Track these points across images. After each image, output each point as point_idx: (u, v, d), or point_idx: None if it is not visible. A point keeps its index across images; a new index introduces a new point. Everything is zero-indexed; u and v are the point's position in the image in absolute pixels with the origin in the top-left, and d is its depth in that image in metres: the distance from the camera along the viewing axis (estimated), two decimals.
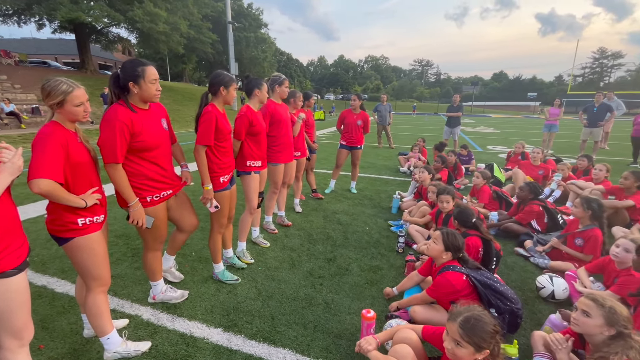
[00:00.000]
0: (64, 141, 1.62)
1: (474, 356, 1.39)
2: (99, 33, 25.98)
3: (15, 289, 1.38)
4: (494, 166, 6.10)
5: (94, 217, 1.79)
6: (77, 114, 1.69)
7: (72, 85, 1.67)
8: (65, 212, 1.68)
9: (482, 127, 21.73)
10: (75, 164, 1.68)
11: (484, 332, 1.38)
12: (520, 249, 3.48)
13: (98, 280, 1.87)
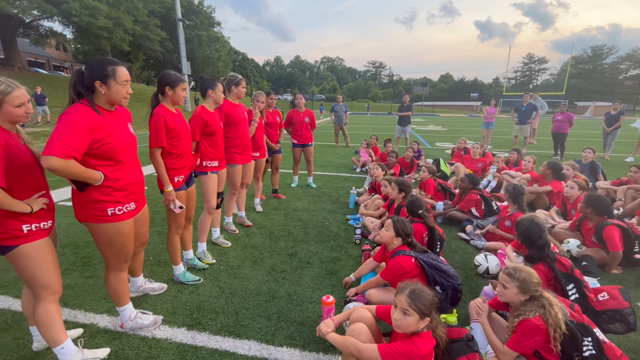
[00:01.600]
0: (4, 143, 1.54)
1: (418, 324, 1.60)
2: (27, 26, 23.42)
3: None
4: (440, 161, 6.64)
5: (40, 222, 1.72)
6: (17, 115, 1.62)
7: (12, 86, 1.60)
8: (7, 218, 1.60)
9: (432, 126, 23.21)
10: (17, 167, 1.61)
11: (426, 300, 1.60)
12: (462, 234, 3.89)
13: (48, 289, 1.79)
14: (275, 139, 4.88)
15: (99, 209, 1.83)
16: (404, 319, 1.61)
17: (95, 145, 1.73)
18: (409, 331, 1.62)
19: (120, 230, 1.93)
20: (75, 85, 1.76)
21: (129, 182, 1.93)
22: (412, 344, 1.56)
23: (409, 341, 1.58)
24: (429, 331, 1.64)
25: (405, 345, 1.57)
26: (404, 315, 1.61)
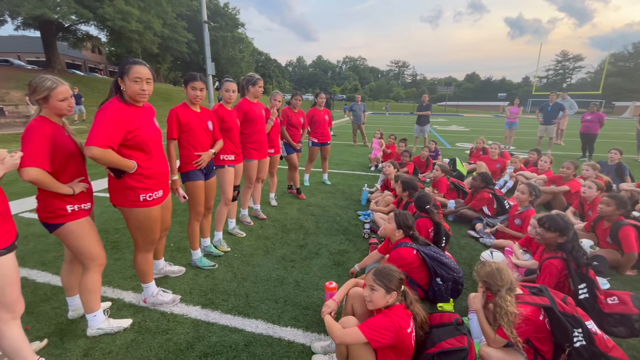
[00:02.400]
0: (51, 133, 1.78)
1: (385, 298, 1.74)
2: (66, 30, 25.00)
3: (5, 267, 1.57)
4: (456, 160, 6.59)
5: (81, 204, 1.96)
6: (62, 109, 1.85)
7: (57, 82, 1.83)
8: (54, 199, 1.84)
9: (454, 126, 22.70)
10: (62, 155, 1.85)
11: (391, 276, 1.75)
12: (472, 232, 3.90)
13: (95, 259, 2.05)
14: (298, 138, 5.05)
15: (132, 194, 2.07)
16: (372, 294, 1.76)
17: (128, 137, 1.96)
18: (380, 306, 1.76)
19: (149, 215, 2.17)
20: (115, 82, 2.02)
21: (157, 171, 2.16)
22: (386, 316, 1.70)
23: (382, 315, 1.72)
24: (402, 304, 1.76)
25: (380, 318, 1.70)
26: (372, 291, 1.76)
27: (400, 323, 1.66)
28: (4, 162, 1.54)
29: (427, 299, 2.57)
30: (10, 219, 1.63)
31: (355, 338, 1.65)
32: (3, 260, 1.56)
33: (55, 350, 2.03)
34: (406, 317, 1.72)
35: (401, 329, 1.65)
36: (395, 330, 1.64)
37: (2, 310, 1.60)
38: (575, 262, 2.36)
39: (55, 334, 2.18)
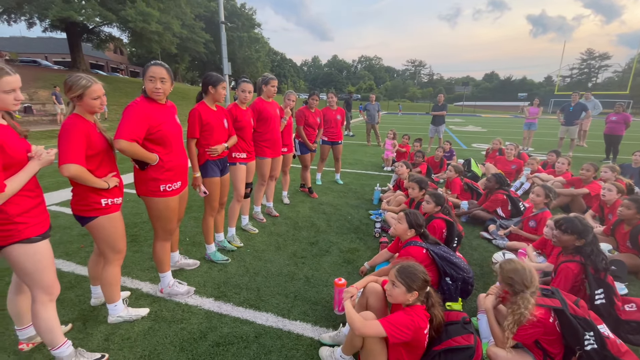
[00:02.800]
0: (86, 131, 1.87)
1: (405, 296, 1.74)
2: (90, 32, 25.98)
3: (40, 252, 1.68)
4: (471, 161, 6.49)
5: (114, 198, 2.06)
6: (94, 106, 1.92)
7: (91, 81, 1.90)
8: (90, 193, 1.94)
9: (471, 126, 22.26)
10: (96, 151, 1.93)
11: (413, 275, 1.75)
12: (485, 233, 3.85)
13: (118, 253, 2.17)
14: (314, 138, 5.10)
15: (153, 185, 2.24)
16: (392, 289, 1.78)
17: (152, 131, 2.12)
18: (399, 302, 1.77)
19: (168, 205, 2.33)
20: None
21: (176, 164, 2.31)
22: (407, 314, 1.71)
23: (404, 312, 1.73)
24: (423, 305, 1.77)
25: (401, 315, 1.72)
26: (393, 286, 1.78)
27: (420, 323, 1.69)
28: (40, 158, 1.64)
29: None
30: (44, 209, 1.75)
31: (375, 331, 1.69)
32: (39, 246, 1.68)
33: (78, 335, 2.16)
34: (425, 318, 1.74)
35: (419, 329, 1.68)
36: (415, 330, 1.66)
37: (40, 292, 1.73)
38: (594, 266, 2.30)
39: (78, 319, 2.31)
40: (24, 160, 1.60)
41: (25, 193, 1.62)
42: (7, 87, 1.52)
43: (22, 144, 1.62)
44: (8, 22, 22.94)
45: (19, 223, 1.58)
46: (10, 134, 1.57)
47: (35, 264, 1.67)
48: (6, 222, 1.55)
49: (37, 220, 1.67)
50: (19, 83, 1.58)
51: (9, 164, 1.52)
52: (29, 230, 1.63)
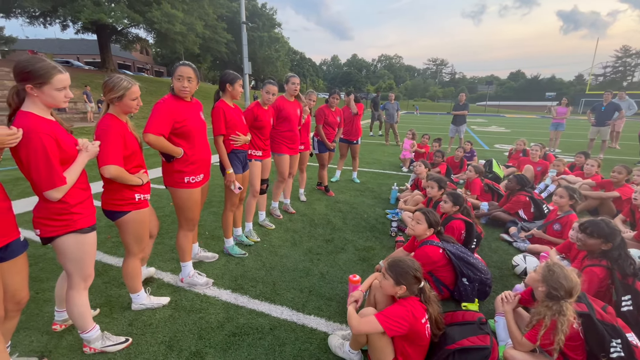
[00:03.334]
0: (122, 131, 1.95)
1: (394, 288, 1.79)
2: (119, 33, 27.00)
3: (89, 243, 1.79)
4: (492, 162, 6.31)
5: (145, 194, 2.16)
6: (132, 107, 2.00)
7: (131, 82, 1.98)
8: (125, 189, 2.02)
9: (494, 127, 21.60)
10: (129, 150, 2.02)
11: (403, 270, 1.79)
12: (505, 235, 3.75)
13: (143, 250, 2.29)
14: (332, 137, 5.12)
15: (178, 177, 2.37)
16: (382, 281, 1.84)
17: (177, 126, 2.24)
18: (389, 293, 1.84)
19: (191, 196, 2.44)
20: None
21: (199, 158, 2.43)
22: (401, 305, 1.74)
23: (398, 304, 1.76)
24: (416, 297, 1.78)
25: (396, 307, 1.75)
26: (383, 278, 1.84)
27: (415, 313, 1.70)
28: (87, 150, 1.74)
29: (453, 298, 2.54)
30: (92, 202, 1.85)
31: (371, 327, 1.70)
32: (89, 237, 1.79)
33: (105, 319, 2.28)
34: (421, 308, 1.76)
35: (415, 319, 1.68)
36: (410, 320, 1.67)
37: (79, 280, 1.83)
38: (621, 271, 2.20)
39: (105, 305, 2.44)
40: (75, 155, 1.70)
41: (78, 185, 1.72)
42: (59, 84, 1.59)
43: (71, 139, 1.71)
44: (44, 25, 24.29)
45: (75, 213, 1.69)
46: (60, 130, 1.65)
47: (82, 253, 1.77)
48: (65, 212, 1.66)
49: (89, 211, 1.78)
50: (69, 81, 1.65)
51: (64, 158, 1.62)
52: (82, 221, 1.73)
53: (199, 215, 2.67)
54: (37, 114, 1.57)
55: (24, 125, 1.51)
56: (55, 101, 1.61)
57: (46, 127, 1.55)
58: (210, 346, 2.07)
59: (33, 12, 22.49)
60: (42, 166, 1.52)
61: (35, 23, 23.88)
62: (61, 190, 1.60)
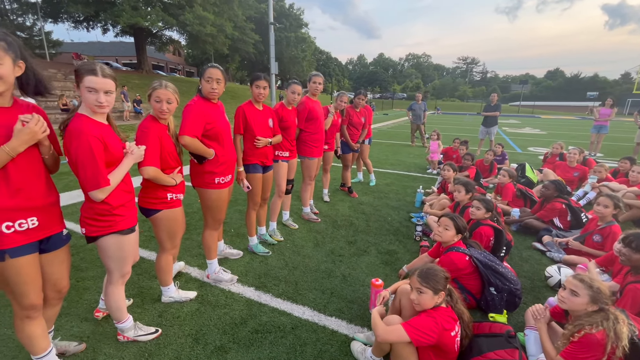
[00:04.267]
0: (159, 133, 2.06)
1: (434, 299, 1.71)
2: (154, 36, 28.30)
3: (129, 243, 1.89)
4: (525, 166, 6.01)
5: (178, 193, 2.25)
6: (155, 109, 2.05)
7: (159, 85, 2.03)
8: (159, 188, 2.13)
9: (528, 128, 20.58)
10: (166, 152, 2.11)
11: (437, 276, 1.72)
12: (538, 244, 3.56)
13: (175, 246, 2.40)
14: (357, 138, 5.10)
15: (209, 177, 2.44)
16: (420, 297, 1.74)
17: (207, 128, 2.31)
18: (428, 307, 1.73)
19: (220, 196, 2.53)
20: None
21: (228, 158, 2.52)
22: (430, 316, 1.67)
23: (427, 315, 1.69)
24: (448, 306, 1.71)
25: (423, 318, 1.69)
26: (420, 294, 1.73)
27: (444, 325, 1.64)
28: (133, 153, 1.84)
29: (479, 308, 2.45)
30: (134, 204, 1.94)
31: (397, 336, 1.67)
32: (129, 238, 1.87)
33: (137, 309, 2.40)
34: (451, 320, 1.69)
35: (445, 330, 1.63)
36: (439, 332, 1.62)
37: (118, 276, 1.95)
38: None
39: (137, 295, 2.57)
40: (121, 157, 1.78)
41: (123, 187, 1.80)
42: (88, 84, 1.58)
43: (119, 143, 1.79)
44: (87, 29, 25.97)
45: (116, 215, 1.77)
46: (111, 134, 1.74)
47: (123, 252, 1.88)
48: (108, 214, 1.75)
49: (130, 213, 1.86)
50: (100, 85, 1.60)
51: (110, 161, 1.71)
52: (123, 223, 1.82)
53: (225, 215, 2.75)
54: (88, 116, 1.67)
55: (75, 126, 1.60)
56: (87, 102, 1.63)
57: (94, 130, 1.62)
58: (233, 342, 2.13)
59: (77, 17, 24.07)
60: (88, 167, 1.60)
61: (80, 27, 25.57)
62: (105, 191, 1.67)
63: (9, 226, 1.42)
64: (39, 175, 1.54)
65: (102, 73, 1.62)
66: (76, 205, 4.41)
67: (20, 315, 1.60)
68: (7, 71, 1.36)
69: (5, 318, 2.28)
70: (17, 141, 1.38)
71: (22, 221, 1.46)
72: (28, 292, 1.54)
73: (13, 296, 1.55)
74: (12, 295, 1.55)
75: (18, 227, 1.45)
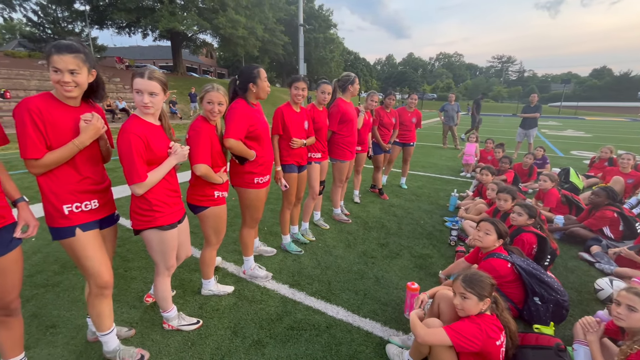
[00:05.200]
0: (210, 133, 2.17)
1: (478, 306, 1.65)
2: (189, 39, 29.56)
3: (169, 239, 1.98)
4: (570, 171, 5.66)
5: (223, 191, 2.36)
6: (206, 110, 2.16)
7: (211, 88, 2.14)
8: (207, 185, 2.24)
9: (570, 131, 19.33)
10: (215, 151, 2.22)
11: (482, 282, 1.66)
12: (586, 254, 3.34)
13: (219, 242, 2.50)
14: (388, 139, 5.07)
15: (249, 178, 2.52)
16: (464, 303, 1.69)
17: (250, 130, 2.38)
18: (472, 314, 1.68)
19: (258, 196, 2.60)
20: (233, 89, 2.45)
21: (267, 159, 2.59)
22: (474, 323, 1.62)
23: (470, 321, 1.64)
24: (493, 314, 1.65)
25: (467, 324, 1.63)
26: (463, 299, 1.68)
27: (489, 333, 1.59)
28: (176, 153, 1.93)
29: (522, 318, 2.34)
30: (179, 200, 2.04)
31: (439, 339, 1.64)
32: (168, 234, 1.95)
33: (179, 300, 2.53)
34: (496, 328, 1.63)
35: (489, 339, 1.58)
36: (484, 340, 1.57)
37: (164, 269, 2.07)
38: None
39: (179, 287, 2.71)
40: (164, 157, 1.88)
41: (164, 185, 1.90)
42: (135, 86, 1.72)
43: (165, 143, 1.89)
44: (129, 34, 27.69)
45: (155, 211, 1.87)
46: (158, 134, 1.85)
47: (164, 247, 1.98)
48: (147, 210, 1.85)
49: (170, 210, 1.94)
50: (144, 86, 1.70)
51: (152, 159, 1.81)
52: (162, 219, 1.90)
53: (262, 214, 2.82)
54: (139, 116, 1.80)
55: (124, 124, 1.75)
56: (135, 103, 1.76)
57: (138, 129, 1.74)
58: (270, 337, 2.19)
59: (121, 23, 25.68)
60: (125, 162, 1.72)
61: (122, 32, 27.27)
62: (141, 186, 1.76)
63: (78, 206, 1.65)
64: (98, 164, 1.76)
65: (149, 76, 1.72)
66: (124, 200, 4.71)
67: (95, 292, 1.78)
68: (84, 79, 1.57)
69: (65, 302, 2.49)
70: (84, 136, 1.59)
71: (87, 202, 1.68)
72: (102, 271, 1.74)
73: (89, 276, 1.74)
74: (88, 275, 1.74)
75: (84, 207, 1.67)
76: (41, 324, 2.25)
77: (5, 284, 1.52)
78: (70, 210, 1.62)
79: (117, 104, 15.97)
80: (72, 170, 1.62)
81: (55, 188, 1.59)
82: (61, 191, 1.60)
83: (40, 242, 3.42)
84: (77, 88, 1.54)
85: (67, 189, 1.61)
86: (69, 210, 1.62)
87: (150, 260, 3.09)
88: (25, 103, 1.46)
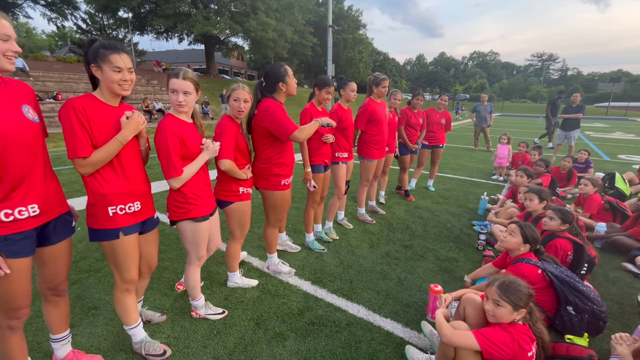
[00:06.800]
0: (235, 131, 2.28)
1: (512, 315, 1.57)
2: (221, 42, 30.64)
3: (201, 230, 2.09)
4: (615, 176, 5.25)
5: (248, 187, 2.46)
6: (234, 107, 2.28)
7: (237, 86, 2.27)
8: (232, 181, 2.36)
9: (618, 133, 17.88)
10: (239, 148, 2.33)
11: (519, 292, 1.57)
12: (630, 265, 3.10)
13: (244, 235, 2.60)
14: (415, 139, 5.00)
15: (276, 180, 2.56)
16: (496, 310, 1.62)
17: None
18: (504, 322, 1.61)
19: (284, 197, 2.65)
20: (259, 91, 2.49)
21: (291, 161, 2.63)
22: (506, 331, 1.55)
23: (502, 329, 1.57)
24: (526, 324, 1.57)
25: (498, 331, 1.57)
26: (496, 306, 1.61)
27: (522, 343, 1.52)
28: (208, 149, 2.04)
29: (554, 328, 2.22)
30: (211, 194, 2.16)
31: (466, 342, 1.60)
32: (201, 225, 2.06)
33: (206, 291, 2.65)
34: (529, 339, 1.56)
35: (521, 350, 1.52)
36: (515, 350, 1.51)
37: (194, 258, 2.18)
38: None
39: (207, 279, 2.84)
40: (197, 153, 1.99)
41: (198, 179, 2.01)
42: (170, 86, 1.85)
43: (198, 139, 2.00)
44: (166, 39, 29.15)
45: (190, 204, 1.99)
46: (191, 131, 1.96)
47: (196, 237, 2.09)
48: (183, 202, 1.98)
49: (203, 202, 2.06)
50: (179, 86, 1.82)
51: (186, 154, 1.93)
52: (196, 211, 2.02)
53: (286, 214, 2.88)
54: (173, 115, 1.93)
55: (161, 122, 1.88)
56: (170, 101, 1.88)
57: (174, 126, 1.86)
58: (291, 330, 2.24)
59: (159, 28, 27.12)
60: (163, 157, 1.84)
61: (160, 37, 28.79)
62: (178, 180, 1.88)
63: (122, 208, 1.69)
64: (140, 166, 1.81)
65: (183, 76, 1.84)
66: (160, 194, 4.99)
67: (121, 287, 1.87)
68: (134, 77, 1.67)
69: (105, 286, 2.70)
70: (126, 131, 1.65)
71: (131, 204, 1.72)
72: (130, 267, 1.81)
73: (117, 270, 1.82)
74: (116, 270, 1.82)
75: (128, 209, 1.71)
76: (84, 305, 2.45)
77: (58, 268, 1.68)
78: (114, 212, 1.65)
79: (155, 104, 16.86)
80: (118, 170, 1.66)
81: (101, 189, 1.62)
82: (107, 192, 1.63)
83: (85, 232, 3.69)
84: (131, 86, 1.65)
85: (113, 190, 1.64)
86: (113, 212, 1.65)
87: (181, 252, 3.27)
88: (70, 103, 1.53)
